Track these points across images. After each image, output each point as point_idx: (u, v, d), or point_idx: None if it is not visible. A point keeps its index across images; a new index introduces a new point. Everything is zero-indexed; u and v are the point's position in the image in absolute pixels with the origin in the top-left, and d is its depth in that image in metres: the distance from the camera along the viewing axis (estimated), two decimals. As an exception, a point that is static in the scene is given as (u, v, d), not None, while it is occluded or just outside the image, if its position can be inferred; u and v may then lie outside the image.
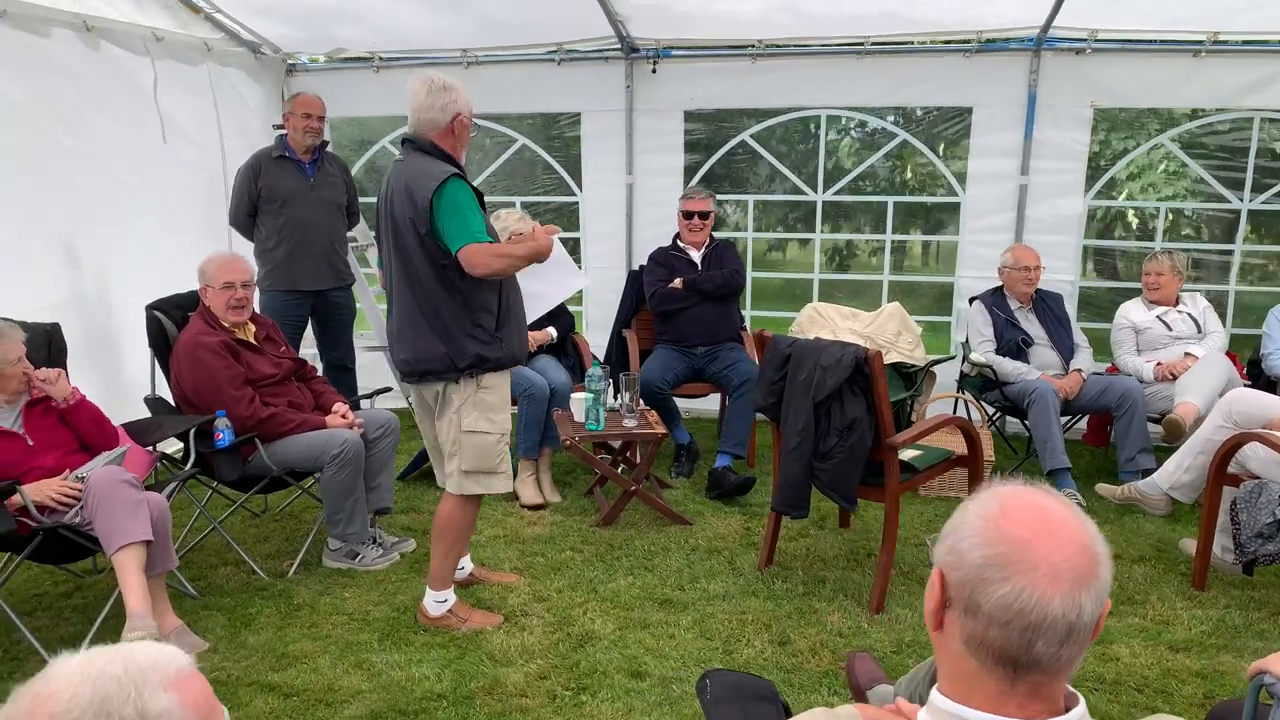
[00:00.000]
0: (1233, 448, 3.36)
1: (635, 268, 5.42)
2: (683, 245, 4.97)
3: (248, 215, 4.65)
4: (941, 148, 5.60)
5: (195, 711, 0.89)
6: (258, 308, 4.22)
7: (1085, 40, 4.95)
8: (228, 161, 5.07)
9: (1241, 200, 5.08)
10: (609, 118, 5.57)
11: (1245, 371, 4.54)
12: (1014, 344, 4.61)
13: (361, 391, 4.61)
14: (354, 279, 5.04)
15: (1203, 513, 3.45)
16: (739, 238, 5.62)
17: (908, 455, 3.50)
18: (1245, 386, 4.13)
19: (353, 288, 5.03)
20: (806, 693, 2.74)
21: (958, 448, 3.73)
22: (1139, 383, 4.44)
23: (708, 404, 5.31)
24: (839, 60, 5.30)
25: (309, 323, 4.82)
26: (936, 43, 5.28)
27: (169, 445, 3.67)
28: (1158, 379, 4.44)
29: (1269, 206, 5.11)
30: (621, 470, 4.36)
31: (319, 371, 4.20)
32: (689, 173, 5.60)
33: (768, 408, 3.50)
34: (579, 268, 4.77)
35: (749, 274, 5.46)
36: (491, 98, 5.41)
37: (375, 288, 5.13)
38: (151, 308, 3.76)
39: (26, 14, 3.95)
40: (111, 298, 4.43)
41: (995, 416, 4.98)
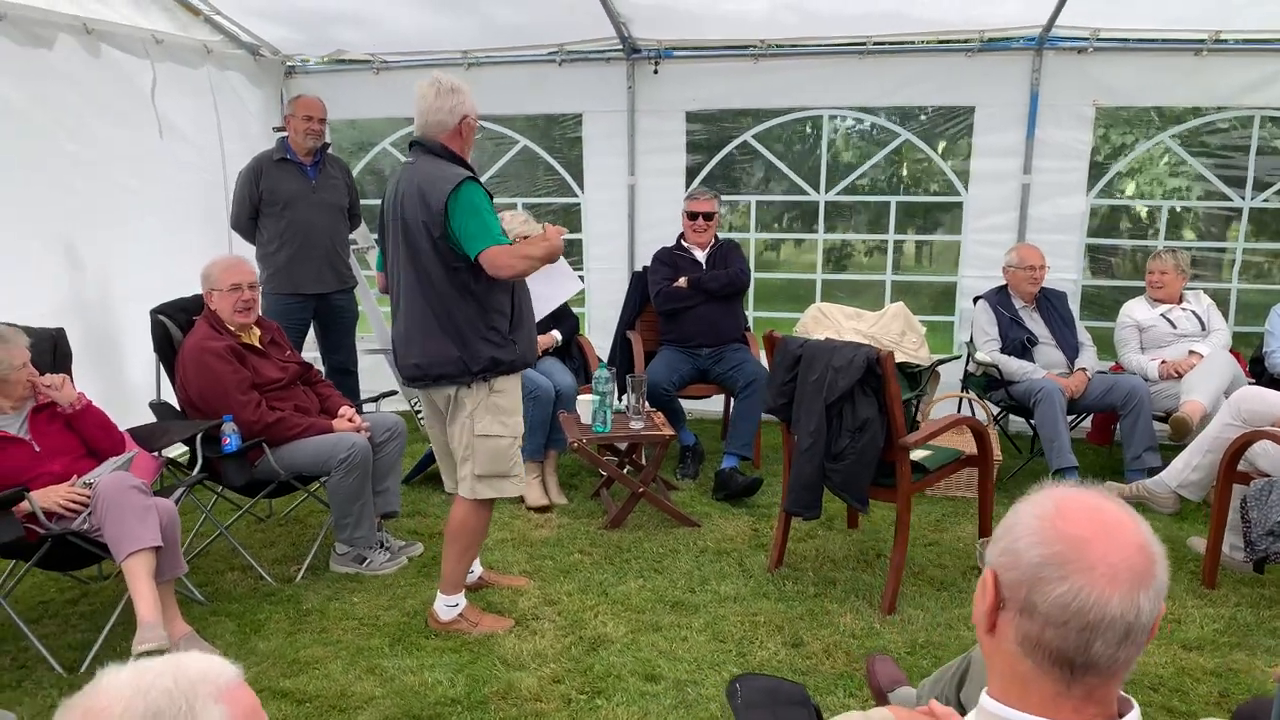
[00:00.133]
0: (1242, 445, 3.36)
1: (638, 269, 5.41)
2: (687, 245, 4.96)
3: (249, 218, 4.62)
4: (943, 147, 5.60)
5: None
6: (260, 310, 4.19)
7: (1087, 39, 4.96)
8: (228, 164, 5.05)
9: (1243, 198, 5.10)
10: (611, 119, 5.56)
11: (1248, 369, 4.55)
12: (1019, 343, 4.61)
13: (364, 395, 4.60)
14: (356, 282, 5.01)
15: (1212, 510, 3.45)
16: (742, 238, 5.60)
17: (919, 455, 3.50)
18: (1249, 384, 4.14)
19: (354, 290, 5.01)
20: (823, 695, 2.73)
21: (965, 447, 3.73)
22: (1144, 381, 4.44)
23: (711, 405, 5.30)
24: (841, 60, 5.30)
25: (311, 326, 4.80)
26: (938, 42, 5.29)
27: (173, 450, 3.64)
28: (1163, 377, 4.45)
29: (1270, 205, 5.13)
30: (627, 472, 4.35)
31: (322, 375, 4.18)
32: (691, 173, 5.59)
33: (778, 409, 3.49)
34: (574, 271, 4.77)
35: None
36: (492, 99, 5.37)
37: (376, 290, 5.10)
38: (156, 312, 3.73)
39: (26, 17, 3.92)
40: (113, 301, 4.41)
41: (999, 416, 4.98)
